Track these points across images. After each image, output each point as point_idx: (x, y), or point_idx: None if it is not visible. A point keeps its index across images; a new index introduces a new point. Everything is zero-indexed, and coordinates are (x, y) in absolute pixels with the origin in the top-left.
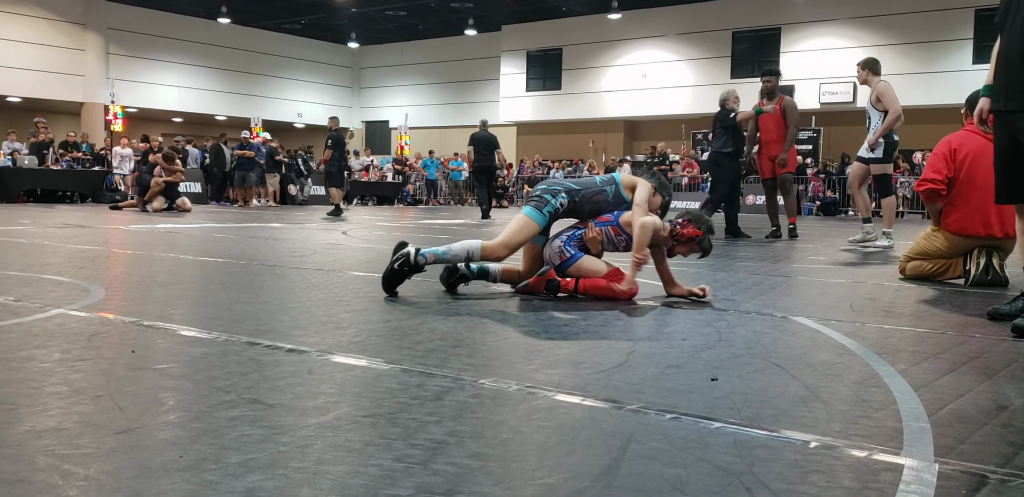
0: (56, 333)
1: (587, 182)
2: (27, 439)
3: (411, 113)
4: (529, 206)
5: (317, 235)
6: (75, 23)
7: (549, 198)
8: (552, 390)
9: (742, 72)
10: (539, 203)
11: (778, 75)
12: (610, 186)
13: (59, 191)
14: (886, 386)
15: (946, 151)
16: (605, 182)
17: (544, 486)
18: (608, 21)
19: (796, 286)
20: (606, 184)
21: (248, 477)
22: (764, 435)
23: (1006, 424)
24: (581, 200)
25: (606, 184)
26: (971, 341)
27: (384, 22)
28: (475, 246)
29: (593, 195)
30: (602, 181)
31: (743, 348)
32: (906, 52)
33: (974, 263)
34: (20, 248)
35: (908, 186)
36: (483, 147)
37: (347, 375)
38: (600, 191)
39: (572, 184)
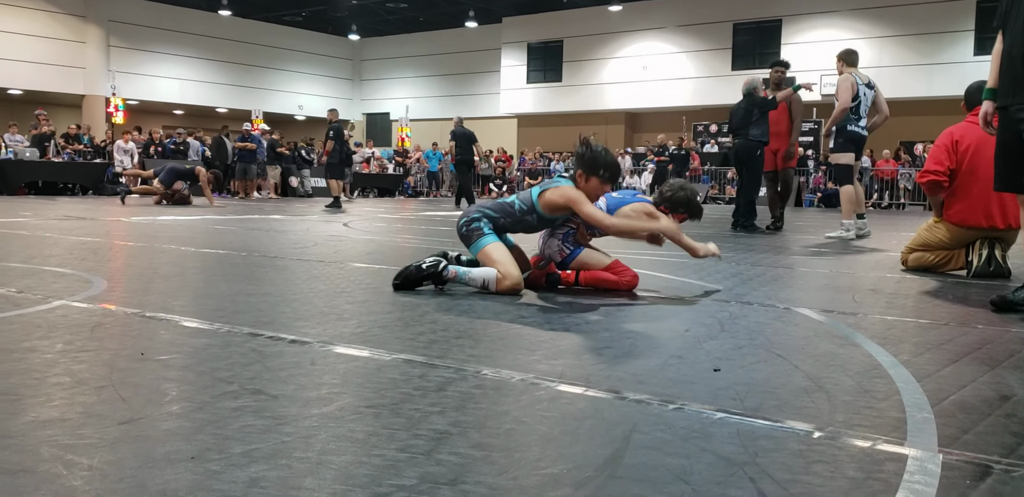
0: (58, 324)
1: (505, 211)
2: (30, 429)
3: (412, 105)
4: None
5: (318, 227)
6: (76, 15)
7: (477, 225)
8: (555, 381)
9: (743, 64)
10: (478, 231)
11: (788, 67)
12: (531, 216)
13: (60, 183)
14: (889, 376)
15: (948, 142)
16: (525, 212)
17: (547, 476)
18: (609, 13)
19: (798, 277)
20: (526, 214)
21: (251, 467)
22: (767, 425)
23: (1009, 414)
24: (512, 223)
25: (526, 214)
26: (973, 332)
27: (385, 14)
28: (492, 276)
29: (519, 220)
30: (520, 210)
31: (745, 339)
32: (907, 43)
33: (976, 254)
34: (22, 240)
35: (909, 178)
36: (463, 142)
37: (349, 366)
38: (521, 220)
39: (490, 211)
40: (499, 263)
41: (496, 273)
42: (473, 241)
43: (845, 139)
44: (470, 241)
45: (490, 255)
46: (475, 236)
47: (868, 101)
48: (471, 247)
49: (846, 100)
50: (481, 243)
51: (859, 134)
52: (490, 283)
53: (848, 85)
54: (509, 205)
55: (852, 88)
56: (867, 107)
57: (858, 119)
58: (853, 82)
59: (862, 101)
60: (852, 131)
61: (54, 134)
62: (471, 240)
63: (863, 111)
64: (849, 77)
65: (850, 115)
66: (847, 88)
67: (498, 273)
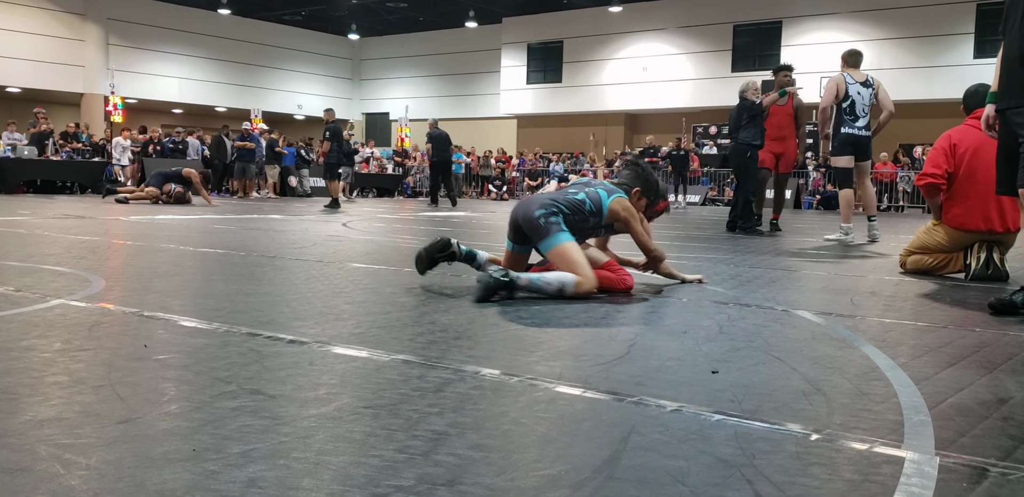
0: (57, 323)
1: (576, 208)
2: (28, 429)
3: (411, 105)
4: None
5: (317, 227)
6: (75, 13)
7: (556, 220)
8: (553, 382)
9: (743, 66)
10: (556, 226)
11: (792, 71)
12: (596, 218)
13: (59, 182)
14: (887, 379)
15: (946, 146)
16: (592, 214)
17: (545, 477)
18: (609, 14)
19: (796, 280)
20: (591, 216)
21: (249, 467)
22: (765, 428)
23: (1007, 417)
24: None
25: (591, 216)
26: (971, 335)
27: (384, 14)
28: (570, 281)
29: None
30: (589, 211)
31: (744, 341)
32: (907, 46)
33: (975, 257)
34: (20, 238)
35: (908, 180)
36: (440, 144)
37: (348, 366)
38: (585, 220)
39: (564, 207)
40: (579, 265)
41: (575, 277)
42: (549, 235)
43: (840, 142)
44: (545, 234)
45: (568, 256)
46: (553, 231)
47: (865, 100)
48: (544, 241)
49: (825, 101)
50: (558, 239)
51: (855, 135)
52: (568, 287)
53: (832, 85)
54: (580, 203)
55: (836, 88)
56: (864, 107)
57: (854, 120)
58: (839, 82)
59: (856, 101)
60: (847, 133)
61: (52, 132)
62: (547, 233)
63: (860, 111)
64: (836, 77)
65: (844, 116)
66: (831, 88)
67: (578, 277)
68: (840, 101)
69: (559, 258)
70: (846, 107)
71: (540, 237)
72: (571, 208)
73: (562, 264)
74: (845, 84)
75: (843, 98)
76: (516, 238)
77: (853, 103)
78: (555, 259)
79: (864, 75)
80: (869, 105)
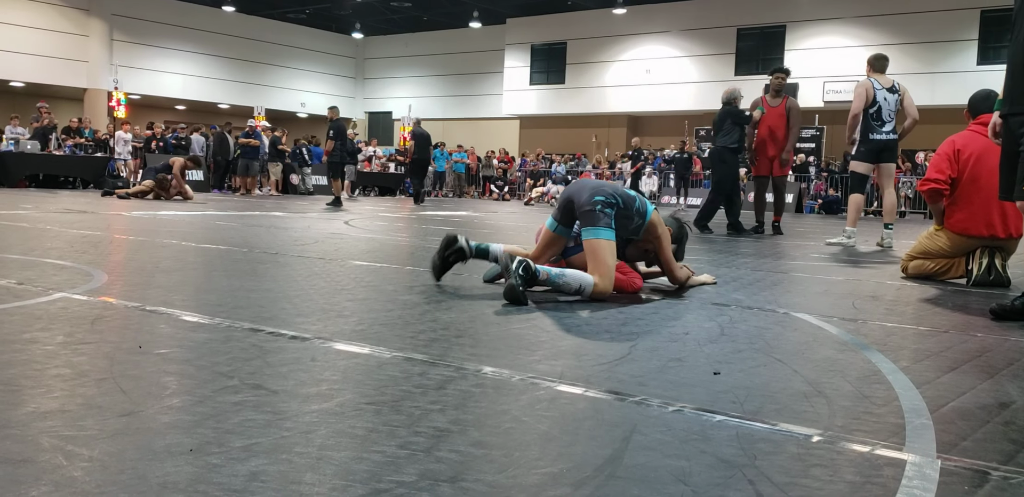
0: (59, 316)
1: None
2: (31, 420)
3: (414, 105)
4: (602, 225)
5: (319, 224)
6: (79, 9)
7: (609, 212)
8: (554, 381)
9: (746, 69)
10: (605, 219)
11: (788, 73)
12: (640, 220)
13: (61, 177)
14: (888, 382)
15: (950, 151)
16: (640, 214)
17: (547, 475)
18: (613, 16)
19: (798, 283)
20: (637, 216)
21: (252, 461)
22: (766, 429)
23: (1008, 422)
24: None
25: (637, 216)
26: (973, 340)
27: (389, 13)
28: (589, 282)
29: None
30: (638, 211)
31: (745, 343)
32: (911, 52)
33: (976, 263)
34: (22, 232)
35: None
36: (422, 142)
37: (350, 363)
38: (631, 219)
39: (620, 199)
40: (605, 267)
41: (593, 280)
42: (596, 226)
43: (867, 148)
44: (593, 223)
45: (600, 253)
46: (601, 223)
47: (891, 106)
48: (588, 229)
49: (857, 106)
50: (600, 233)
51: (882, 141)
52: (586, 289)
53: (861, 90)
54: (632, 200)
55: (866, 94)
56: (891, 112)
57: (881, 125)
58: (868, 87)
59: (882, 106)
60: (876, 140)
61: (56, 127)
62: (595, 222)
63: (886, 116)
64: (865, 82)
65: (872, 122)
66: (860, 94)
67: (597, 279)
68: (867, 107)
69: (591, 252)
70: (873, 113)
71: (587, 223)
72: (625, 203)
73: (591, 259)
74: (873, 90)
75: (870, 103)
76: (563, 219)
77: (880, 109)
78: (587, 249)
79: (890, 80)
80: (895, 110)
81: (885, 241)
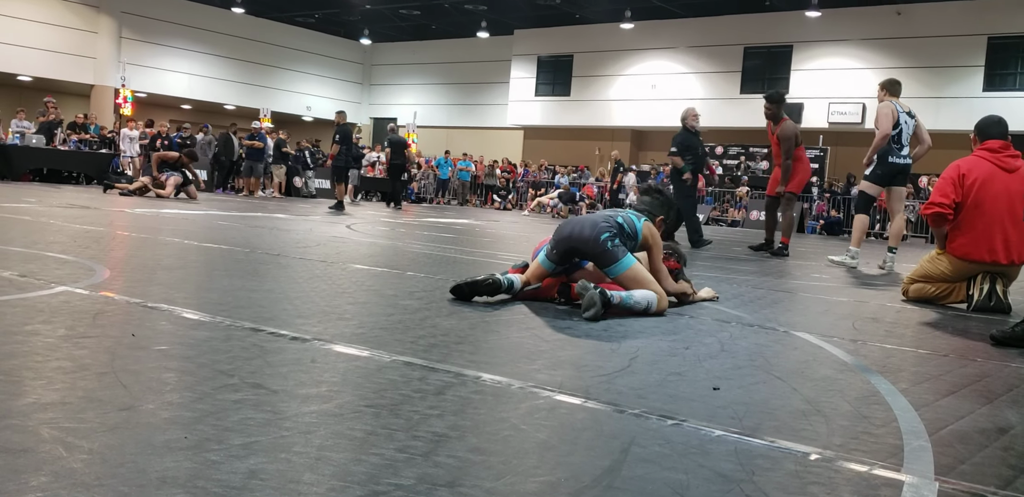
0: (61, 310)
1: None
2: (32, 411)
3: (420, 112)
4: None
5: (321, 228)
6: (89, 5)
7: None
8: (554, 390)
9: (751, 88)
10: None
11: (778, 101)
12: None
13: (65, 172)
14: (887, 404)
15: (954, 176)
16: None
17: (545, 483)
18: (620, 30)
19: (798, 302)
20: (628, 240)
21: (250, 459)
22: (765, 445)
23: (1007, 447)
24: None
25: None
26: (972, 365)
27: (397, 20)
28: (653, 298)
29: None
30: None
31: (745, 360)
32: (917, 76)
33: (977, 288)
34: (25, 225)
35: (912, 209)
36: (397, 148)
37: (350, 365)
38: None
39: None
40: (653, 284)
41: (656, 295)
42: (618, 261)
43: (883, 171)
44: (613, 260)
45: (640, 276)
46: (620, 254)
47: (909, 130)
48: (613, 266)
49: (886, 127)
50: (627, 263)
51: (900, 164)
52: (652, 305)
53: (888, 112)
54: (621, 226)
55: (892, 115)
56: (908, 136)
57: (900, 148)
58: (894, 109)
59: (903, 130)
60: (894, 162)
61: (62, 122)
62: (615, 258)
63: (905, 140)
64: (889, 104)
65: (892, 145)
66: (887, 114)
67: (659, 294)
68: None
69: (633, 281)
70: (894, 135)
71: (608, 262)
72: (624, 225)
73: (638, 283)
74: (897, 112)
75: (894, 126)
76: (561, 260)
77: (901, 132)
78: (628, 282)
79: (907, 106)
80: (911, 135)
81: (887, 264)
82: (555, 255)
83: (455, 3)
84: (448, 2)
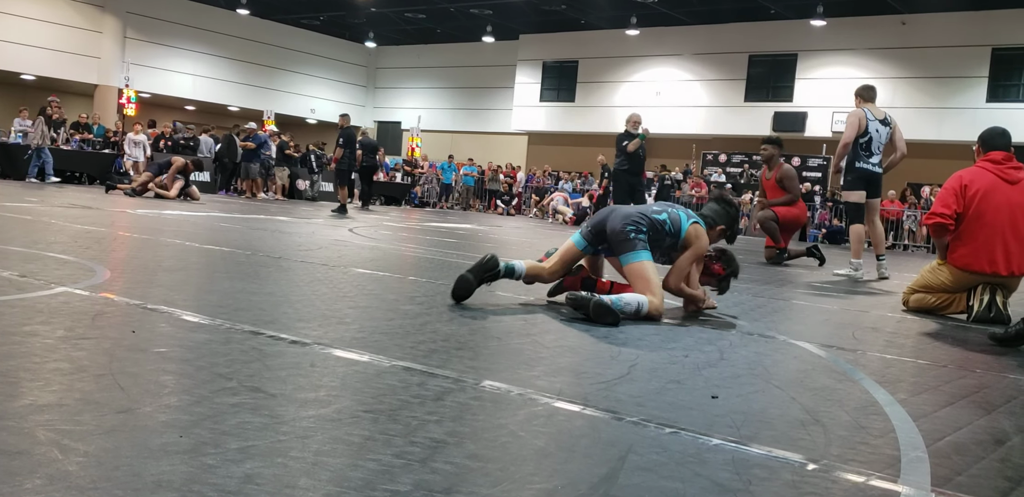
0: (60, 311)
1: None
2: (28, 413)
3: (424, 116)
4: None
5: (323, 231)
6: (94, 5)
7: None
8: (553, 397)
9: (756, 96)
10: (641, 243)
11: (775, 144)
12: (673, 239)
13: (68, 171)
14: (885, 414)
15: (956, 186)
16: (670, 235)
17: (541, 491)
18: (626, 37)
19: (798, 311)
20: (668, 236)
21: (247, 463)
22: (762, 454)
23: (1004, 459)
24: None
25: (668, 236)
26: (971, 376)
27: (403, 24)
28: (645, 301)
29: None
30: (667, 232)
31: (744, 368)
32: (921, 86)
33: (977, 299)
34: (26, 225)
35: (914, 220)
36: (369, 150)
37: (349, 370)
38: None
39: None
40: (653, 285)
41: (647, 298)
42: (633, 251)
43: (854, 177)
44: (629, 249)
45: (645, 274)
46: (637, 246)
47: (882, 138)
48: (626, 255)
49: (848, 135)
50: (639, 257)
51: (869, 171)
52: (643, 308)
53: (855, 120)
54: (662, 223)
55: (859, 124)
56: (880, 144)
57: (869, 155)
58: (861, 117)
59: (873, 138)
60: (861, 168)
61: (65, 121)
62: (631, 248)
63: (875, 148)
64: (858, 112)
65: (860, 152)
66: (852, 123)
67: (651, 297)
68: (859, 136)
69: (635, 275)
70: (863, 143)
71: (624, 250)
72: (652, 227)
73: (637, 281)
74: (866, 120)
75: (862, 134)
76: (593, 240)
77: (871, 139)
78: (631, 275)
79: (883, 113)
80: (884, 143)
81: (883, 272)
82: (588, 233)
83: (460, 7)
84: (454, 6)
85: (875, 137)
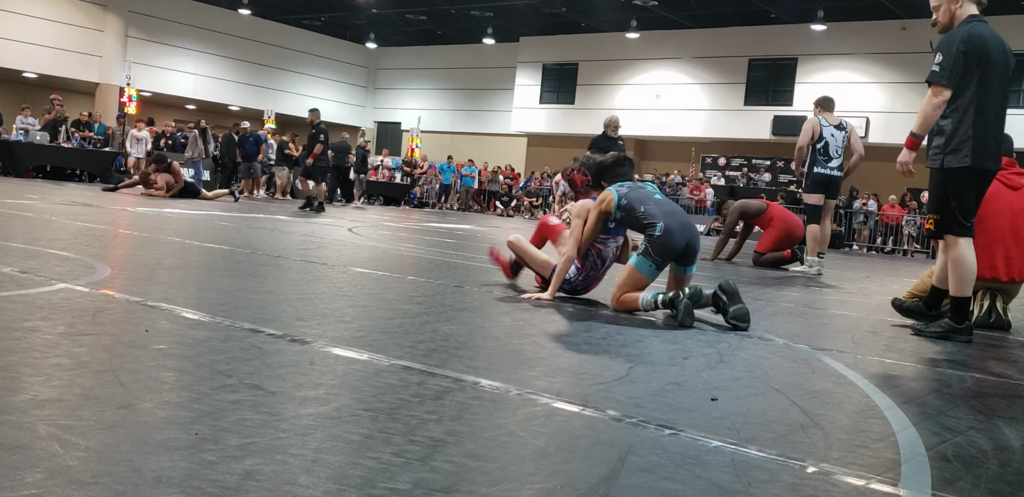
0: (61, 307)
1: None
2: (29, 407)
3: (424, 117)
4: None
5: (323, 230)
6: (96, 4)
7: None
8: (552, 398)
9: (756, 100)
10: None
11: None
12: None
13: (68, 169)
14: (885, 418)
15: None
16: None
17: (541, 490)
18: (626, 40)
19: (798, 315)
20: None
21: (247, 460)
22: (762, 457)
23: (1004, 464)
24: None
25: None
26: (971, 380)
27: (403, 25)
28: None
29: None
30: None
31: (744, 371)
32: (921, 91)
33: (977, 305)
34: (27, 222)
35: (913, 224)
36: (341, 152)
37: (348, 368)
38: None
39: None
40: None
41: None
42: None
43: (813, 181)
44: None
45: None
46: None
47: (838, 142)
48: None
49: (802, 140)
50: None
51: (827, 175)
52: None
53: (808, 127)
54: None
55: (812, 130)
56: (838, 148)
57: (827, 160)
58: (815, 124)
59: (830, 142)
60: (819, 173)
61: (66, 120)
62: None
63: (833, 152)
64: (812, 120)
65: (819, 157)
66: (807, 129)
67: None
68: (815, 142)
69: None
70: (820, 148)
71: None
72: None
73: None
74: (820, 127)
75: (817, 140)
76: (685, 261)
77: (827, 144)
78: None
79: (838, 119)
80: (842, 147)
81: (818, 268)
82: (681, 256)
83: (461, 9)
84: (454, 8)
85: (831, 141)
